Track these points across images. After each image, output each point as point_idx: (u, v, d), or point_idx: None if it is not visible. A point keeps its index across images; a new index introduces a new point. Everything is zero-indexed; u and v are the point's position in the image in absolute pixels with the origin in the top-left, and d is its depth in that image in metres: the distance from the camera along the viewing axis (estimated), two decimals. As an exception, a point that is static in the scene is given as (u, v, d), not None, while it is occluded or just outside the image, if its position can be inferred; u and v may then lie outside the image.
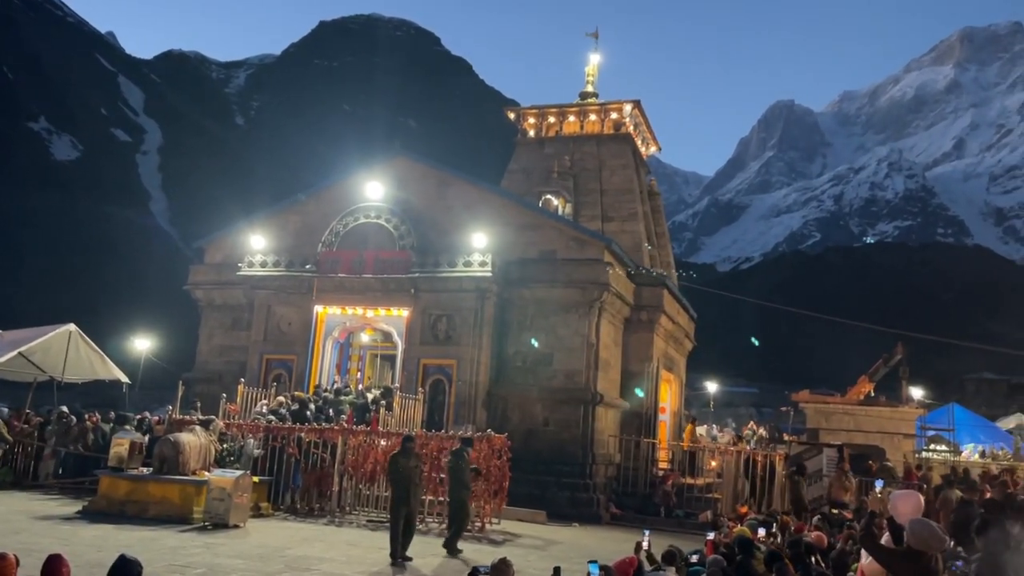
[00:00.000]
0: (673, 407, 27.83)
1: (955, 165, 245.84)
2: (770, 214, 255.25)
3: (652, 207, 30.58)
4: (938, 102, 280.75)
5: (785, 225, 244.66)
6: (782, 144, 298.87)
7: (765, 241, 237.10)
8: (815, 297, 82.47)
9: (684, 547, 10.58)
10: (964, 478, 19.94)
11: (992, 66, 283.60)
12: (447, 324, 21.01)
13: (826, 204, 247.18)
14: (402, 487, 12.29)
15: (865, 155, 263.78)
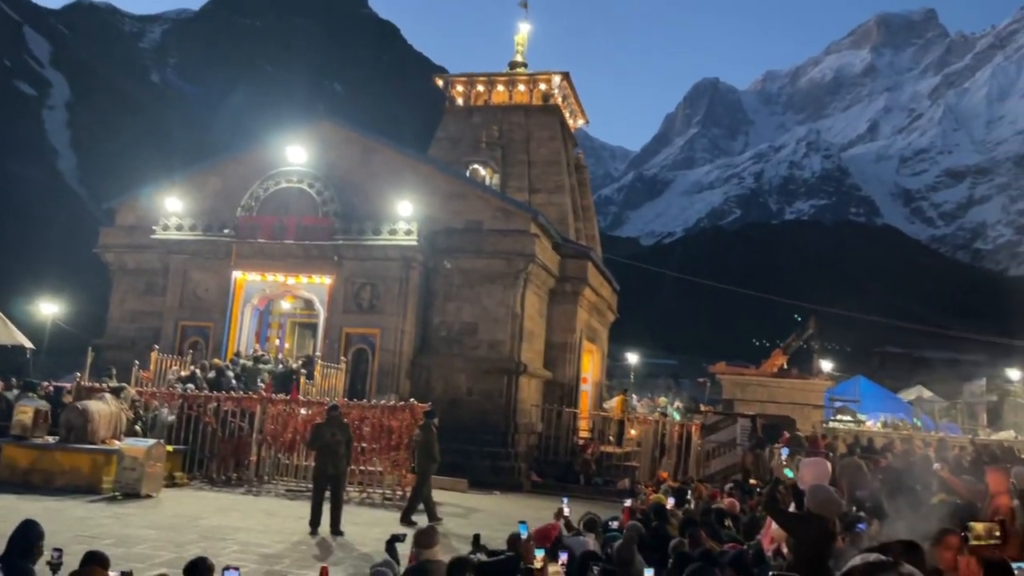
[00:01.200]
0: (595, 378, 28.28)
1: (868, 147, 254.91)
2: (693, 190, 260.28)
3: (579, 180, 30.78)
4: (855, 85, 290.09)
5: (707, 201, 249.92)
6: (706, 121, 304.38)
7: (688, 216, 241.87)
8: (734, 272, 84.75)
9: (603, 514, 10.80)
10: (867, 447, 20.94)
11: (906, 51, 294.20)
12: (371, 293, 20.76)
13: (747, 181, 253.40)
14: (326, 457, 12.14)
15: (785, 134, 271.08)
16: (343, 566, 9.59)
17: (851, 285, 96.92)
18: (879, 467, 13.47)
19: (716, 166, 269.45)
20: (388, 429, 15.59)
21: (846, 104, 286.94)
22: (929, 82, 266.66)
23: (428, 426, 13.80)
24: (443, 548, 7.22)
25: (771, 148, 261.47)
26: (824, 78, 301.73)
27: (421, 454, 13.61)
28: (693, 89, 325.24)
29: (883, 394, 41.06)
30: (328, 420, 12.58)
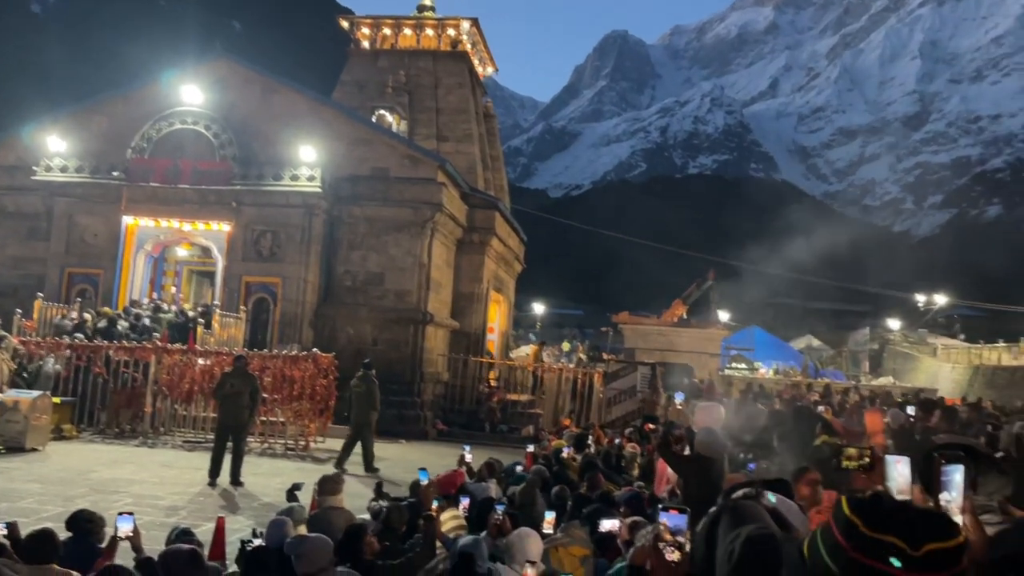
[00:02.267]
0: (502, 327, 28.50)
1: (769, 104, 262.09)
2: (601, 143, 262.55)
3: (488, 129, 30.52)
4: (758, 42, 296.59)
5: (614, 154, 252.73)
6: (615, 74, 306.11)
7: (595, 169, 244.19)
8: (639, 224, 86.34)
9: (508, 460, 11.00)
10: (760, 392, 21.94)
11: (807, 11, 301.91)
12: (272, 240, 20.18)
13: (653, 135, 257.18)
14: (229, 408, 11.87)
15: (691, 89, 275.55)
16: (244, 516, 9.46)
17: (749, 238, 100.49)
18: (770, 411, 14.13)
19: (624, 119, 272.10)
20: (290, 379, 15.34)
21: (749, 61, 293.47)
22: (827, 42, 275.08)
23: (368, 377, 14.05)
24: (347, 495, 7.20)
25: (677, 103, 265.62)
26: (729, 34, 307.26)
27: (361, 404, 13.79)
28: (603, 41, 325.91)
29: (776, 343, 43.10)
30: (233, 370, 12.28)
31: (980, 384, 30.97)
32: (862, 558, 1.10)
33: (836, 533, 1.15)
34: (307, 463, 13.67)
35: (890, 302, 58.11)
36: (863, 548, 1.10)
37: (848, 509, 1.15)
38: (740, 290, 52.60)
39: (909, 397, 16.65)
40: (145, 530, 6.07)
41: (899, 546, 1.07)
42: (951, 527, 1.12)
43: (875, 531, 1.10)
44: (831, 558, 1.14)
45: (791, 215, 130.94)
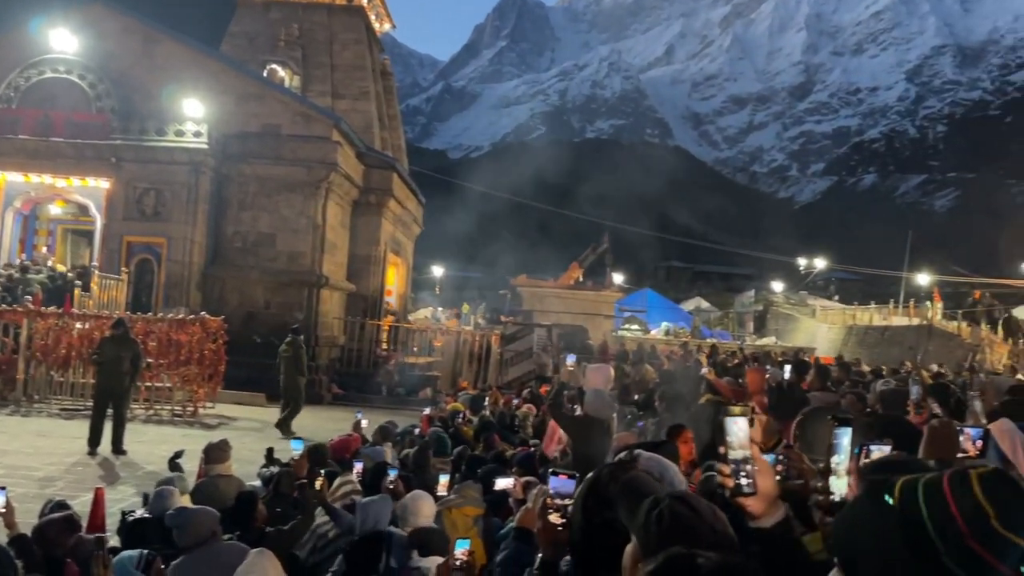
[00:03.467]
0: (399, 290, 28.26)
1: (665, 70, 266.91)
2: (500, 104, 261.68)
3: (385, 87, 29.88)
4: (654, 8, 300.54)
5: (514, 116, 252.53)
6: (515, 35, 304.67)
7: (495, 131, 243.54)
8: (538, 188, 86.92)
9: (404, 423, 10.98)
10: (652, 353, 22.65)
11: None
12: (156, 199, 19.24)
13: (552, 99, 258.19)
14: (109, 374, 11.36)
15: (589, 53, 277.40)
16: (127, 486, 9.14)
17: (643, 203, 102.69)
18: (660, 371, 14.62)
19: (523, 81, 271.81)
20: (177, 344, 14.78)
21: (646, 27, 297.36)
22: (720, 10, 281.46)
23: (296, 342, 14.47)
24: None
25: (575, 67, 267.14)
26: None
27: (290, 369, 14.19)
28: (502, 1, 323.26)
29: (667, 305, 44.52)
30: (113, 335, 11.74)
31: (853, 343, 32.93)
32: (981, 550, 1.04)
33: (956, 513, 1.07)
34: (195, 429, 13.26)
35: (774, 266, 60.88)
36: (986, 542, 1.05)
37: (982, 493, 1.06)
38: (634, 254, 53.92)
39: (788, 357, 17.57)
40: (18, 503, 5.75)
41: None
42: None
43: (1008, 530, 1.04)
44: (939, 532, 1.07)
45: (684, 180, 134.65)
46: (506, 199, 55.26)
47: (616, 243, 34.34)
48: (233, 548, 4.32)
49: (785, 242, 75.70)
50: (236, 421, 14.49)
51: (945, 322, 30.15)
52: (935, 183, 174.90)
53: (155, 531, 5.04)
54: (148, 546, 4.72)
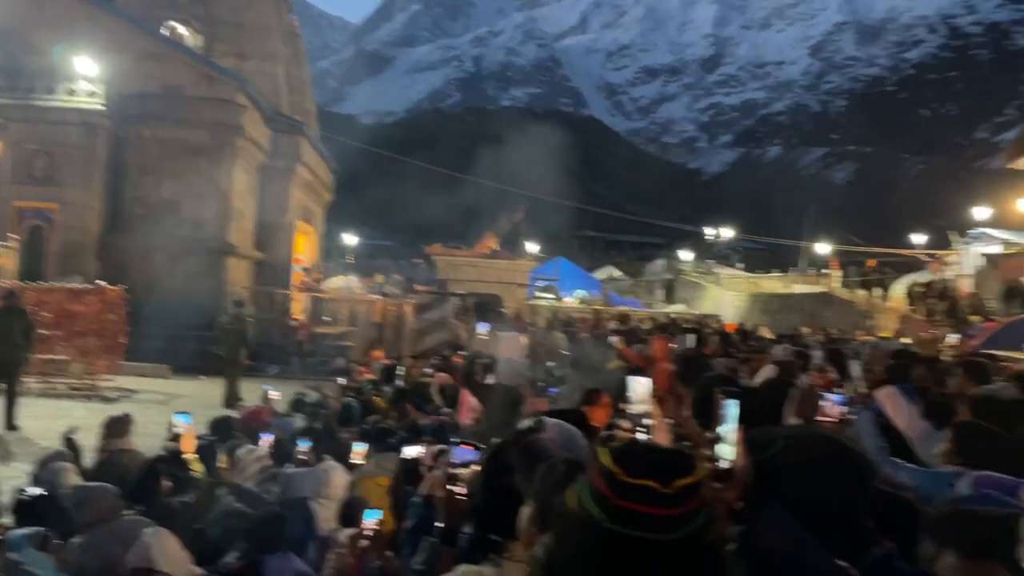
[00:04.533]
0: (310, 259, 27.71)
1: (579, 39, 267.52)
2: (414, 69, 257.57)
3: (294, 50, 28.98)
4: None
5: (428, 82, 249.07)
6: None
7: (409, 97, 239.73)
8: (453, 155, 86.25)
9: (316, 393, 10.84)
10: (565, 321, 22.99)
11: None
12: (47, 162, 18.24)
13: (466, 65, 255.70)
14: (2, 347, 10.82)
15: (504, 19, 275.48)
16: (21, 463, 8.75)
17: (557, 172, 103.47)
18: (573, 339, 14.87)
19: (438, 46, 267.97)
20: (73, 315, 14.15)
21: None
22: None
23: (240, 315, 14.76)
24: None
25: (490, 33, 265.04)
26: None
27: (233, 342, 14.37)
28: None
29: (580, 274, 45.14)
30: (2, 306, 11.17)
31: (757, 311, 34.17)
32: (626, 504, 1.23)
33: (601, 485, 1.27)
34: (95, 403, 12.79)
35: (684, 235, 62.36)
36: (626, 495, 1.23)
37: (610, 461, 1.27)
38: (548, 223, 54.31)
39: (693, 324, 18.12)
40: None
41: (654, 487, 1.22)
42: (691, 462, 1.29)
43: (635, 478, 1.23)
44: (599, 507, 1.25)
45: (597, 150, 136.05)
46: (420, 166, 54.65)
47: (531, 212, 34.49)
48: (135, 524, 4.21)
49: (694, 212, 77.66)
50: (139, 394, 14.04)
51: (842, 290, 31.60)
52: (835, 156, 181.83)
53: (49, 509, 4.85)
54: (43, 524, 4.55)
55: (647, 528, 1.21)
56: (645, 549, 1.21)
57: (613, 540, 1.23)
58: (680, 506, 1.23)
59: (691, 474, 1.26)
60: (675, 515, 1.23)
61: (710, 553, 1.25)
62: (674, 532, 1.21)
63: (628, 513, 1.22)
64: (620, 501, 1.24)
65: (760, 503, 1.59)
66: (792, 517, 1.57)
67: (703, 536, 1.24)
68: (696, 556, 1.23)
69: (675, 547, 1.21)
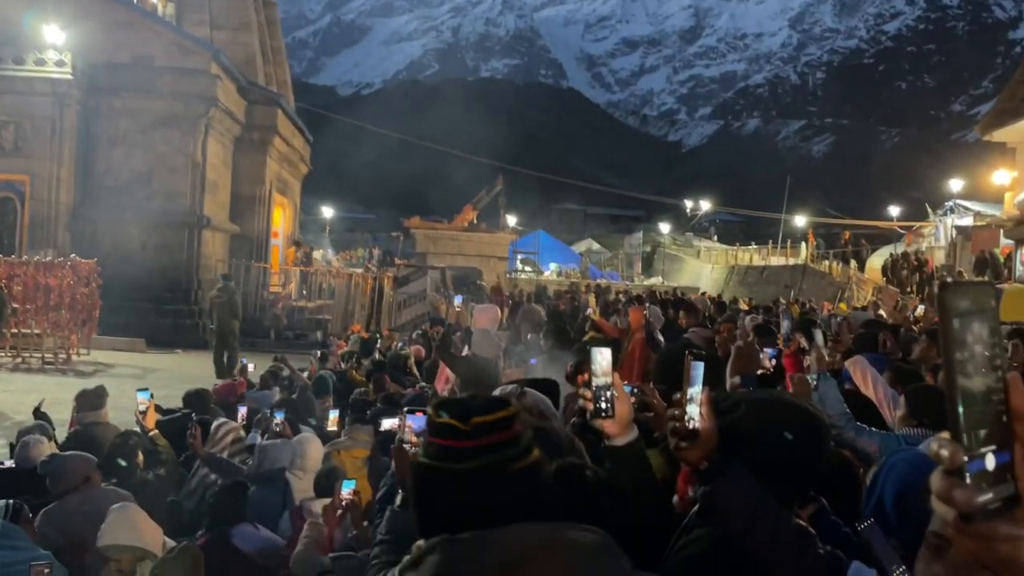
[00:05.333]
0: (287, 231, 27.49)
1: (558, 10, 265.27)
2: (392, 40, 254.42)
3: (267, 18, 28.49)
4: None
5: (406, 53, 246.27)
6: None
7: (386, 68, 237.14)
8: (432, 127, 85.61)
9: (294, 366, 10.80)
10: (542, 294, 23.04)
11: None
12: (15, 133, 17.88)
13: (445, 35, 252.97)
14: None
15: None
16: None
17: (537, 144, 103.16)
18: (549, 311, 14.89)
19: (415, 16, 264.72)
20: (45, 288, 13.97)
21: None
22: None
23: (228, 288, 14.97)
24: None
25: (469, 3, 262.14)
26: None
27: (224, 313, 14.50)
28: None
29: (559, 247, 45.18)
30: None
31: (735, 282, 34.42)
32: (433, 439, 1.43)
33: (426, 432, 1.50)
34: (69, 377, 12.67)
35: (662, 208, 62.53)
36: (434, 431, 1.43)
37: (432, 407, 1.47)
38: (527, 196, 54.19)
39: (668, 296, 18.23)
40: None
41: (452, 423, 1.39)
42: (498, 404, 1.45)
43: (439, 416, 1.42)
44: (423, 452, 1.45)
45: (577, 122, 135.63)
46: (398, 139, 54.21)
47: (510, 185, 34.35)
48: (108, 493, 4.20)
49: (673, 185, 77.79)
50: (114, 368, 13.92)
51: (818, 262, 31.88)
52: (813, 128, 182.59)
53: (23, 481, 4.83)
54: (17, 497, 4.53)
55: (445, 459, 1.38)
56: (445, 477, 1.38)
57: (422, 470, 1.42)
58: (475, 439, 1.37)
59: (492, 413, 1.41)
60: (470, 447, 1.38)
61: (510, 481, 1.38)
62: (469, 462, 1.36)
63: (434, 447, 1.41)
64: (430, 437, 1.44)
65: (723, 464, 1.65)
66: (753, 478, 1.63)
67: (505, 467, 1.38)
68: (494, 483, 1.36)
69: (472, 475, 1.36)
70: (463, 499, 1.36)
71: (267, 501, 4.90)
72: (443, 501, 1.39)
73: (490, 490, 1.36)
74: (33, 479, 4.72)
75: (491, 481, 1.36)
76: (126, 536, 3.51)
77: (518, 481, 1.38)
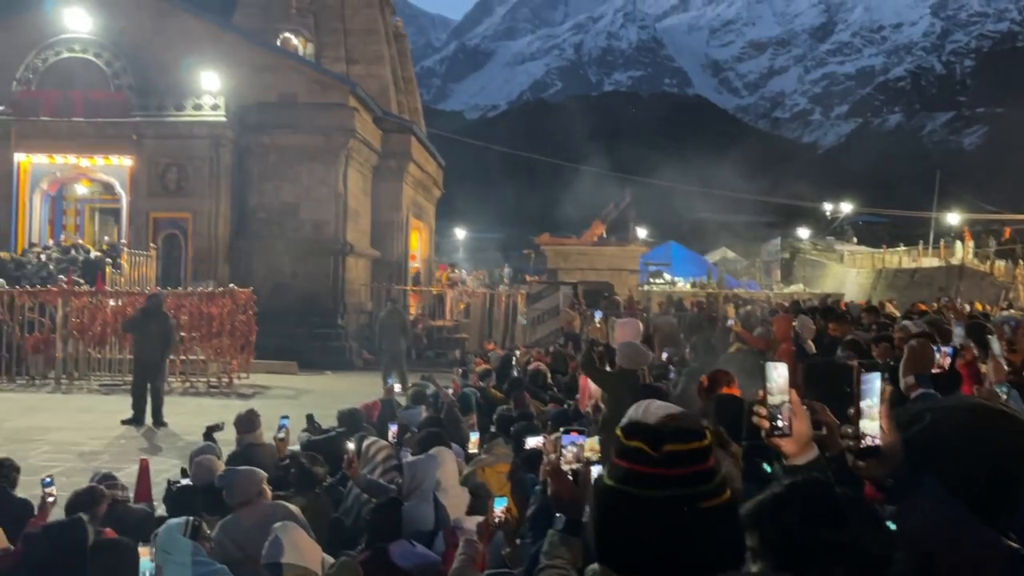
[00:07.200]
0: (423, 254, 28.35)
1: (681, 18, 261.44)
2: (515, 61, 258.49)
3: (399, 50, 29.64)
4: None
5: (529, 73, 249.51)
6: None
7: (510, 89, 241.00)
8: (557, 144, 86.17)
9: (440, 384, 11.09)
10: (677, 305, 22.62)
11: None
12: (179, 174, 19.38)
13: (567, 53, 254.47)
14: (141, 347, 11.61)
15: (603, 4, 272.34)
16: (168, 456, 9.35)
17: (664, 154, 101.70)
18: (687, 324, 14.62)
19: (538, 37, 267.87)
20: (208, 316, 15.00)
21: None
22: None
23: (396, 309, 15.97)
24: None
25: (590, 19, 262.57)
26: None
27: (392, 334, 15.34)
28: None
29: (692, 257, 44.23)
30: (146, 310, 12.02)
31: (883, 287, 32.57)
32: (620, 461, 1.35)
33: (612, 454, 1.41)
34: (232, 400, 13.51)
35: (800, 212, 60.05)
36: (620, 453, 1.36)
37: (619, 430, 1.40)
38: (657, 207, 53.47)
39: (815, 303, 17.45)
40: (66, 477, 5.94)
41: (642, 448, 1.32)
42: (693, 433, 1.35)
43: (628, 439, 1.35)
44: (608, 473, 1.39)
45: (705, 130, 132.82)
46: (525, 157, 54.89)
47: (639, 197, 34.05)
48: (278, 508, 4.44)
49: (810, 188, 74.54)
50: (270, 390, 14.75)
51: (977, 261, 29.70)
52: (963, 120, 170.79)
53: (199, 498, 5.17)
54: (193, 514, 4.86)
55: (631, 483, 1.32)
56: (630, 502, 1.31)
57: (605, 493, 1.36)
58: (667, 468, 1.30)
59: (685, 443, 1.33)
60: (658, 474, 1.30)
61: (699, 518, 1.29)
62: (658, 490, 1.29)
63: (620, 470, 1.35)
64: (617, 458, 1.37)
65: (912, 481, 1.52)
66: (951, 494, 1.49)
67: (696, 500, 1.30)
68: (681, 517, 1.29)
69: (658, 505, 1.29)
70: (646, 529, 1.30)
71: (419, 518, 5.02)
72: (625, 527, 1.33)
73: (676, 524, 1.29)
74: (209, 496, 5.06)
75: (678, 515, 1.29)
76: (288, 555, 3.67)
77: (707, 519, 1.30)
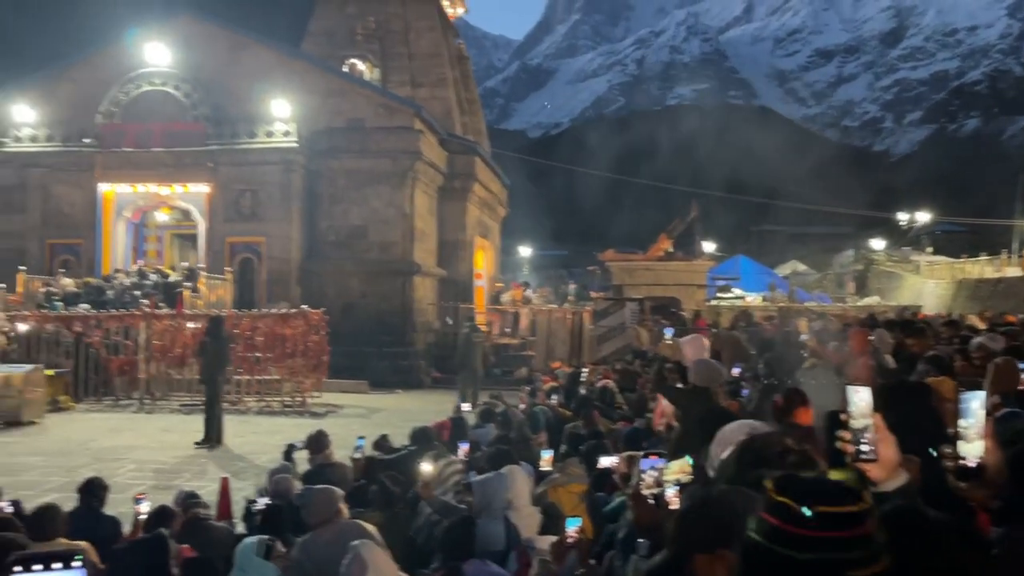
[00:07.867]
0: (489, 273, 28.52)
1: (745, 29, 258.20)
2: (577, 79, 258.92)
3: (462, 72, 30.04)
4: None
5: (592, 90, 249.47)
6: (587, 7, 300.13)
7: (573, 107, 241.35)
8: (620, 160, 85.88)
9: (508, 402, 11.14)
10: (748, 320, 22.18)
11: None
12: (252, 199, 20.00)
13: (629, 68, 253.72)
14: (208, 369, 11.99)
15: (665, 18, 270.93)
16: (246, 475, 9.59)
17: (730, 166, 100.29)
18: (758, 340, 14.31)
19: (599, 53, 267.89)
20: (282, 338, 15.38)
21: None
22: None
23: (475, 327, 16.72)
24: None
25: (651, 33, 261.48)
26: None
27: (471, 352, 16.00)
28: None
29: (761, 270, 43.36)
30: (209, 332, 12.42)
31: (963, 298, 31.38)
32: (766, 516, 1.30)
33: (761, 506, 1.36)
34: (305, 419, 13.80)
35: (873, 222, 58.39)
36: (769, 508, 1.31)
37: (768, 483, 1.34)
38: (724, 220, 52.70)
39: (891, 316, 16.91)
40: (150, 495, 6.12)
41: (792, 506, 1.26)
42: (849, 495, 1.29)
43: (778, 494, 1.30)
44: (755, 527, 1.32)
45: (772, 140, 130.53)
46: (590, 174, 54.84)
47: (705, 210, 33.64)
48: (354, 526, 4.51)
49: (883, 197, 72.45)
50: (343, 408, 15.01)
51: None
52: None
53: (278, 517, 5.30)
54: (273, 531, 4.97)
55: (779, 542, 1.26)
56: (777, 561, 1.25)
57: (753, 550, 1.30)
58: (816, 530, 1.24)
59: (840, 504, 1.27)
60: (808, 536, 1.24)
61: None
62: (806, 552, 1.23)
63: (767, 526, 1.29)
64: (764, 513, 1.32)
65: (1019, 501, 1.47)
66: None
67: (847, 570, 1.23)
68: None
69: (807, 568, 1.23)
70: None
71: (489, 536, 5.03)
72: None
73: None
74: (289, 514, 5.18)
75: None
76: (367, 573, 3.72)
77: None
